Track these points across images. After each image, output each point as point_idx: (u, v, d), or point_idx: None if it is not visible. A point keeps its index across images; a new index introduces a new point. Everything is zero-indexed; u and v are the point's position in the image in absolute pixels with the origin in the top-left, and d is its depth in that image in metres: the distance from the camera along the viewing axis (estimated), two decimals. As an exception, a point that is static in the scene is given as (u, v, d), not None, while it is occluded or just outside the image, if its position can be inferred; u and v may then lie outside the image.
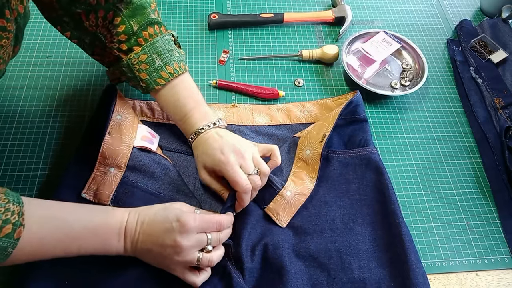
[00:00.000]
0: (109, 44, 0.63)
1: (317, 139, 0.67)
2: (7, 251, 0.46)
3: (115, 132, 0.63)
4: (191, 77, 0.67)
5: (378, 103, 0.83)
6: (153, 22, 0.64)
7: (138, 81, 0.64)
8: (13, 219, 0.46)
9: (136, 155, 0.63)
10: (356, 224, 0.64)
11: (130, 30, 0.62)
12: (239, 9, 0.94)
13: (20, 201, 0.48)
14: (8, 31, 0.47)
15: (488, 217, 0.71)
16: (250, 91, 0.80)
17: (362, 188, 0.67)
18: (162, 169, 0.65)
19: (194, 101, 0.65)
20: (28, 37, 0.84)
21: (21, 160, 0.69)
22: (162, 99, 0.66)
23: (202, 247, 0.55)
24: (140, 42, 0.63)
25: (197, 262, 0.54)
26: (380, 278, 0.60)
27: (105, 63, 0.68)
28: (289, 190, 0.65)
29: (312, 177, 0.67)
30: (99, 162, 0.61)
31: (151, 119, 0.73)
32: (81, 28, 0.62)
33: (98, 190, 0.61)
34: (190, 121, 0.64)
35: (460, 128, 0.82)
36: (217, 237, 0.56)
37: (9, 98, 0.75)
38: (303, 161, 0.68)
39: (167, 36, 0.66)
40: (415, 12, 1.00)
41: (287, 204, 0.65)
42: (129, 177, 0.63)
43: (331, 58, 0.86)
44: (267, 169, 0.62)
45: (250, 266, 0.59)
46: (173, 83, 0.65)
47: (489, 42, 0.90)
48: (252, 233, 0.62)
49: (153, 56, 0.63)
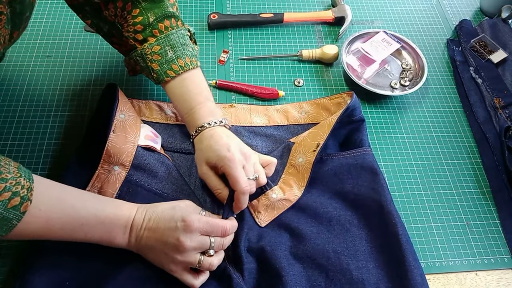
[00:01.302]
0: (126, 33, 0.65)
1: (311, 147, 0.67)
2: (11, 223, 0.47)
3: (120, 131, 0.63)
4: (202, 74, 0.68)
5: (378, 103, 0.83)
6: (170, 15, 0.65)
7: (150, 72, 0.65)
8: (22, 193, 0.47)
9: (140, 154, 0.63)
10: (353, 225, 0.64)
11: (146, 21, 0.63)
12: (239, 9, 0.94)
13: (31, 177, 0.49)
14: (1, 13, 0.48)
15: (488, 217, 0.71)
16: (250, 91, 0.80)
17: (357, 188, 0.66)
18: (165, 169, 0.65)
19: (202, 96, 0.66)
20: (28, 37, 0.84)
21: (21, 160, 0.69)
22: (171, 91, 0.66)
23: (204, 250, 0.55)
24: (155, 34, 0.64)
25: (198, 265, 0.54)
26: (378, 278, 0.59)
27: (122, 51, 0.70)
28: (276, 193, 0.65)
29: (301, 185, 0.67)
30: (103, 160, 0.61)
31: (150, 119, 0.73)
32: (100, 17, 0.65)
33: (102, 188, 0.61)
34: (196, 116, 0.64)
35: (460, 128, 0.82)
36: (220, 242, 0.56)
37: (9, 98, 0.75)
38: (295, 167, 0.68)
39: (183, 30, 0.67)
40: (415, 12, 1.00)
41: (270, 205, 0.65)
42: (133, 176, 0.63)
43: (331, 58, 0.86)
44: (264, 180, 0.63)
45: (249, 267, 0.59)
46: (183, 77, 0.65)
47: (489, 42, 0.90)
48: (249, 234, 0.62)
49: (166, 48, 0.64)
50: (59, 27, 0.86)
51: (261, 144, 0.73)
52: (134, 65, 0.68)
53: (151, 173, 0.64)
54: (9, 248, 0.61)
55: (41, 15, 0.87)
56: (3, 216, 0.46)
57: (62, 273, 0.56)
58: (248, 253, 0.61)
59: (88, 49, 0.84)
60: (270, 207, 0.65)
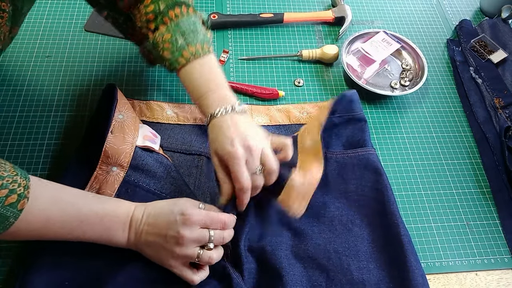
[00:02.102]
0: (139, 23, 0.65)
1: (315, 128, 0.66)
2: (9, 221, 0.48)
3: (118, 131, 0.63)
4: (216, 60, 0.66)
5: (378, 103, 0.83)
6: (181, 3, 0.65)
7: (163, 60, 0.65)
8: (19, 191, 0.48)
9: (138, 154, 0.63)
10: (355, 225, 0.64)
11: (158, 10, 0.63)
12: (239, 9, 0.94)
13: (27, 176, 0.50)
14: (3, 11, 0.48)
15: (488, 217, 0.71)
16: (250, 91, 0.80)
17: (361, 189, 0.66)
18: (164, 169, 0.65)
19: (213, 83, 0.64)
20: (28, 37, 0.84)
21: (21, 160, 0.69)
22: (183, 78, 0.65)
23: (204, 244, 0.55)
24: (165, 21, 0.64)
25: (197, 259, 0.54)
26: (379, 279, 0.59)
27: (137, 42, 0.71)
28: (297, 179, 0.63)
29: (318, 165, 0.64)
30: (101, 161, 0.61)
31: (150, 119, 0.73)
32: (115, 9, 0.66)
33: (101, 189, 0.61)
34: (205, 103, 0.63)
35: (460, 128, 0.82)
36: (220, 235, 0.56)
37: (9, 98, 0.75)
38: (306, 152, 0.66)
39: (194, 17, 0.66)
40: (415, 12, 1.00)
41: (296, 194, 0.62)
42: (131, 177, 0.63)
43: (331, 58, 0.86)
44: (272, 167, 0.60)
45: (249, 267, 0.59)
46: (194, 63, 0.64)
47: (489, 42, 0.90)
48: (250, 233, 0.62)
49: (176, 36, 0.64)
50: (59, 27, 0.86)
51: None
52: (148, 55, 0.68)
53: (149, 174, 0.64)
54: (9, 248, 0.61)
55: (41, 15, 0.87)
56: (0, 213, 0.46)
57: (62, 273, 0.56)
58: (249, 252, 0.61)
59: (88, 49, 0.84)
60: (297, 196, 0.62)
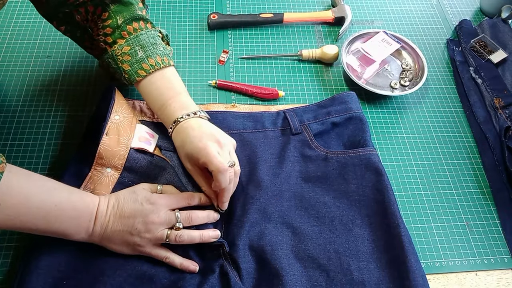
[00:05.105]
0: (96, 36, 0.66)
1: None
2: None
3: (113, 133, 0.63)
4: (176, 72, 0.67)
5: (378, 103, 0.83)
6: (139, 17, 0.66)
7: (121, 72, 0.66)
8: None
9: (133, 156, 0.63)
10: (355, 225, 0.64)
11: (115, 24, 0.65)
12: (239, 9, 0.94)
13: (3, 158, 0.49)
14: None
15: (487, 217, 0.71)
16: (250, 91, 0.80)
17: (361, 189, 0.66)
18: (158, 171, 0.65)
19: (174, 91, 0.65)
20: (28, 37, 0.84)
21: (21, 160, 0.69)
22: (143, 90, 0.66)
23: (172, 225, 0.57)
24: (124, 35, 0.65)
25: (167, 239, 0.57)
26: (380, 279, 0.59)
27: (95, 55, 0.71)
28: None
29: None
30: (96, 162, 0.61)
31: (151, 119, 0.72)
32: (73, 23, 0.66)
33: (95, 189, 0.61)
34: (168, 110, 0.64)
35: (460, 128, 0.82)
36: (186, 215, 0.58)
37: (9, 98, 0.75)
38: None
39: (153, 31, 0.67)
40: (415, 12, 1.00)
41: None
42: (126, 178, 0.63)
43: (330, 58, 0.86)
44: (238, 169, 0.63)
45: (247, 266, 0.59)
46: (154, 75, 0.65)
47: (488, 42, 0.90)
48: (250, 232, 0.62)
49: (136, 48, 0.65)
50: (59, 27, 0.86)
51: None
52: (107, 67, 0.68)
53: (143, 175, 0.64)
54: (9, 248, 0.61)
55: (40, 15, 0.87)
56: None
57: (60, 273, 0.56)
58: (248, 251, 0.61)
59: (88, 49, 0.84)
60: None
